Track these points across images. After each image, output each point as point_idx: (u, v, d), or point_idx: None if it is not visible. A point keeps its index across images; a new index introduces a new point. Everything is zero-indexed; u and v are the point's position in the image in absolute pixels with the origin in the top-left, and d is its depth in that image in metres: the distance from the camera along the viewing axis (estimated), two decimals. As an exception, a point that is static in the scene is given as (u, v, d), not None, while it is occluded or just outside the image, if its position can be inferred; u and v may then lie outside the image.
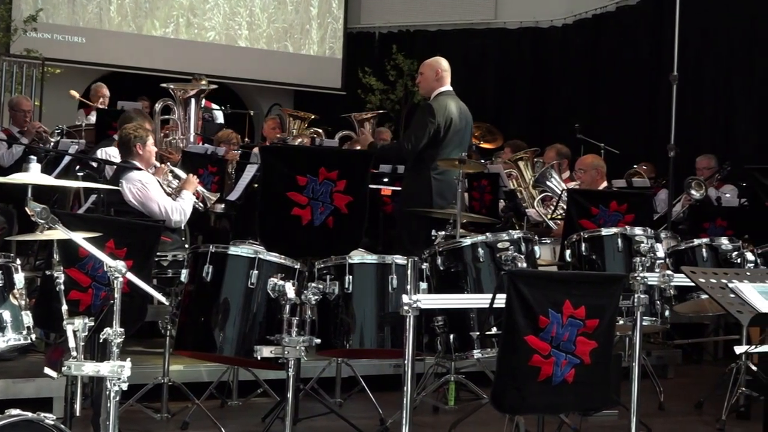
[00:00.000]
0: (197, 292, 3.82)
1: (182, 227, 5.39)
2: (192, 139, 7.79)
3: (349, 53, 12.77)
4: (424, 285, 3.62)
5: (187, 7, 11.97)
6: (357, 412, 4.66)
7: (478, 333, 3.79)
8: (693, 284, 3.21)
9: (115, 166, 5.46)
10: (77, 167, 5.85)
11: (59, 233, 2.99)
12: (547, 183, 7.08)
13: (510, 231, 4.13)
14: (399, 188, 6.38)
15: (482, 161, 7.52)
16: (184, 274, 3.86)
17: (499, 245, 3.89)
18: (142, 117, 6.21)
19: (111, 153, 5.93)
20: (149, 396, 4.39)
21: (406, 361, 3.21)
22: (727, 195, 7.67)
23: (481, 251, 3.88)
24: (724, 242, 4.87)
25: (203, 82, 8.71)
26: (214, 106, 8.94)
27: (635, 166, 8.65)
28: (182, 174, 5.70)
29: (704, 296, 4.43)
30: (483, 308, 3.47)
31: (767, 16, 9.02)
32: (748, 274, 3.15)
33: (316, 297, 3.64)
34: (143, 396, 4.34)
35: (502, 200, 7.26)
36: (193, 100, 7.80)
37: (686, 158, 8.21)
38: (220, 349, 3.76)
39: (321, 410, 4.40)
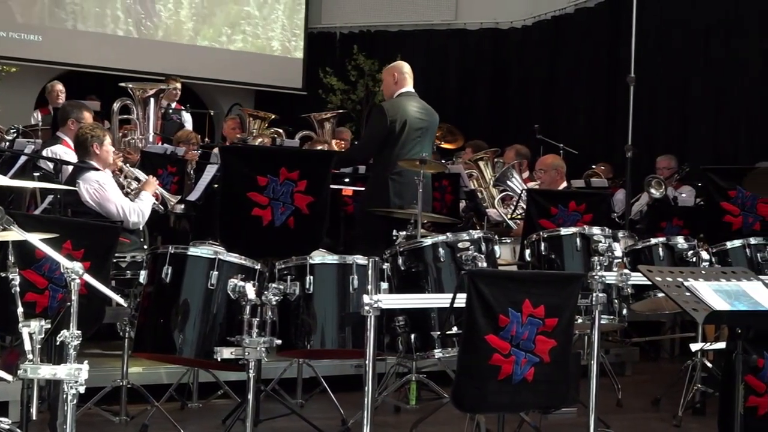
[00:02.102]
0: (156, 294, 3.78)
1: (141, 228, 5.34)
2: (151, 139, 7.73)
3: (310, 53, 12.73)
4: (385, 285, 3.62)
5: (146, 6, 11.83)
6: (318, 413, 4.66)
7: (439, 332, 3.80)
8: (650, 283, 3.26)
9: (71, 167, 5.39)
10: (33, 167, 5.76)
11: (14, 234, 2.94)
12: (507, 183, 7.14)
13: (470, 231, 4.15)
14: (361, 188, 6.39)
15: (443, 161, 7.56)
16: (142, 276, 3.82)
17: (460, 245, 3.91)
18: (78, 109, 6.14)
19: (56, 152, 5.85)
20: (107, 399, 4.34)
21: (367, 361, 3.22)
22: (684, 195, 7.80)
23: (441, 251, 3.90)
24: (680, 241, 4.94)
25: (177, 85, 8.65)
26: (184, 110, 8.86)
27: (593, 166, 8.76)
28: (142, 175, 5.65)
29: (661, 295, 4.48)
30: (444, 308, 3.48)
31: (723, 18, 9.17)
32: (703, 272, 3.20)
33: (277, 298, 3.63)
34: (101, 399, 4.29)
35: (463, 200, 7.30)
36: (152, 100, 7.74)
37: (643, 159, 8.33)
38: (180, 350, 3.72)
39: (282, 411, 4.38)
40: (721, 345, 4.14)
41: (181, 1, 12.01)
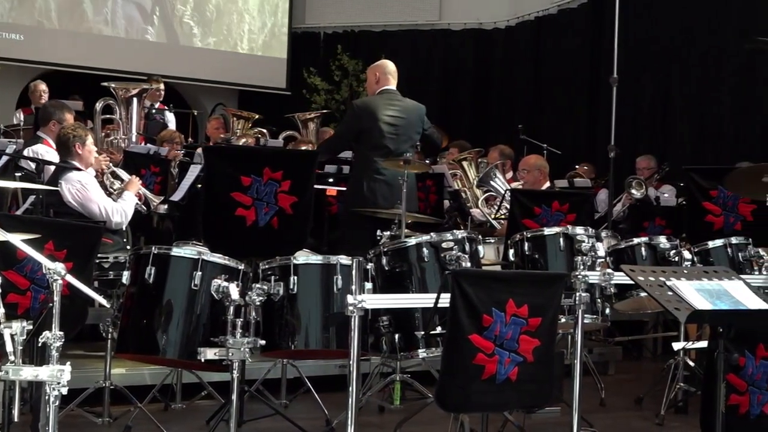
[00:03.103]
0: (139, 294, 3.77)
1: (124, 228, 5.31)
2: (134, 139, 7.69)
3: (293, 53, 12.71)
4: (369, 285, 3.62)
5: (130, 5, 11.78)
6: (303, 413, 4.66)
7: (422, 332, 3.80)
8: (632, 282, 3.27)
9: (53, 167, 5.36)
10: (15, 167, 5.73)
11: (-4, 235, 2.92)
12: (491, 183, 7.15)
13: (454, 231, 4.16)
14: (344, 188, 6.39)
15: (427, 161, 7.57)
16: (125, 276, 3.80)
17: (444, 245, 3.91)
18: (60, 110, 6.12)
19: (38, 151, 5.82)
20: (90, 400, 4.32)
21: (351, 362, 3.22)
22: (666, 195, 7.85)
23: (425, 251, 3.90)
24: (663, 241, 4.96)
25: (161, 85, 8.62)
26: (167, 110, 8.82)
27: (576, 166, 8.80)
28: (125, 175, 5.63)
29: (643, 294, 4.50)
30: (428, 308, 3.49)
31: (705, 19, 9.23)
32: (685, 272, 3.23)
33: (261, 298, 3.62)
34: (84, 400, 4.27)
35: (446, 200, 7.31)
36: (135, 100, 7.70)
37: (626, 159, 8.38)
38: (163, 351, 3.71)
39: (266, 412, 4.38)
40: (703, 344, 4.16)
41: (165, 1, 11.95)
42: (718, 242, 5.08)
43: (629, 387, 5.83)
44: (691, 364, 5.21)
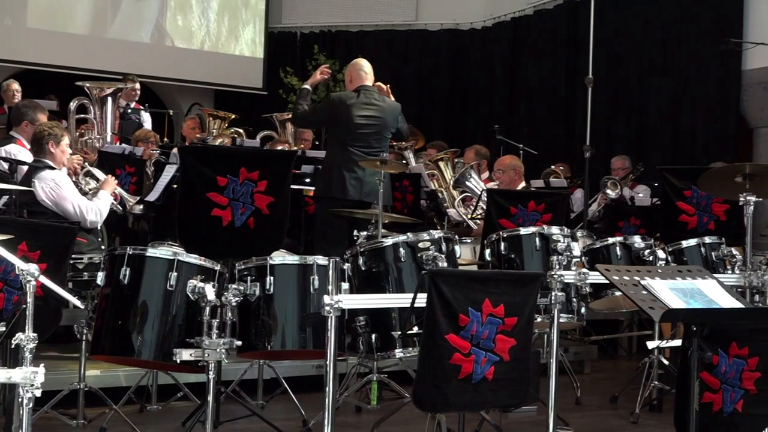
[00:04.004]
0: (114, 295, 3.74)
1: (99, 228, 5.27)
2: (109, 139, 7.63)
3: (270, 53, 12.67)
4: (345, 285, 3.62)
5: (105, 4, 11.68)
6: (279, 414, 4.64)
7: (399, 332, 3.81)
8: (608, 282, 3.30)
9: (26, 166, 5.31)
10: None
11: (-32, 236, 2.89)
12: (467, 183, 7.18)
13: (431, 231, 4.17)
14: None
15: (404, 162, 7.58)
16: (100, 277, 3.77)
17: (420, 245, 3.92)
18: (34, 110, 6.06)
19: (10, 151, 5.76)
20: (65, 402, 4.28)
21: (328, 362, 3.21)
22: (641, 195, 7.92)
23: (402, 251, 3.91)
24: (637, 240, 5.00)
25: (136, 84, 8.55)
26: (143, 110, 8.76)
27: (552, 166, 8.85)
28: (100, 174, 5.59)
29: (618, 293, 4.55)
30: (404, 308, 3.49)
31: (680, 19, 9.31)
32: (659, 271, 3.26)
33: (237, 298, 3.61)
34: (58, 402, 4.23)
35: (423, 200, 7.32)
36: (109, 99, 7.64)
37: (601, 159, 8.44)
38: (138, 352, 3.68)
39: (243, 413, 4.36)
40: (677, 342, 4.21)
41: (142, 0, 11.87)
42: (692, 242, 5.13)
43: (605, 385, 5.87)
44: (666, 362, 5.25)
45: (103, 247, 5.19)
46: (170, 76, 12.01)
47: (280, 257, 3.96)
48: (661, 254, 4.87)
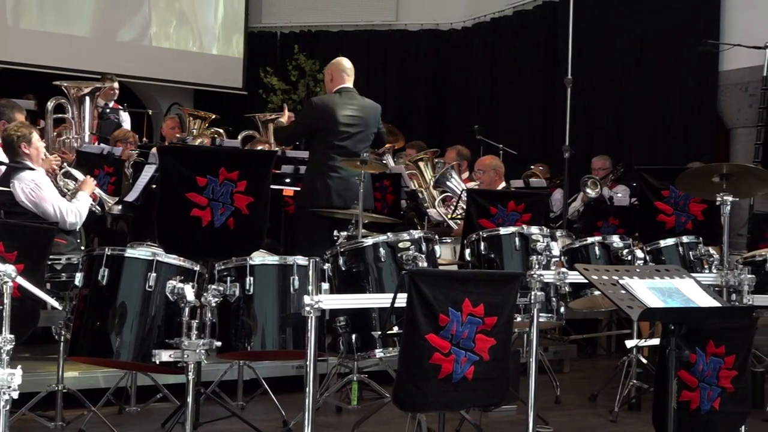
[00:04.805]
0: (93, 296, 3.71)
1: (77, 229, 5.24)
2: (87, 139, 7.58)
3: (250, 53, 12.63)
4: (325, 285, 3.61)
5: (84, 3, 11.59)
6: (260, 415, 4.63)
7: (380, 332, 3.81)
8: (587, 281, 3.32)
9: (4, 167, 5.27)
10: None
11: (-56, 237, 2.87)
12: (447, 183, 7.20)
13: (411, 231, 4.17)
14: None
15: (384, 161, 7.58)
16: (78, 278, 3.74)
17: (401, 245, 3.92)
18: (11, 110, 6.02)
19: None
20: (43, 404, 4.25)
21: (308, 362, 3.21)
22: (619, 195, 7.97)
23: (382, 251, 3.91)
24: (616, 240, 5.03)
25: (114, 84, 8.50)
26: (121, 109, 8.70)
27: (532, 166, 8.89)
28: (79, 175, 5.55)
29: (597, 293, 4.58)
30: (385, 308, 3.49)
31: (658, 21, 9.38)
32: (637, 270, 3.28)
33: (217, 299, 3.59)
34: (36, 404, 4.20)
35: (404, 200, 7.33)
36: (87, 98, 7.59)
37: (581, 159, 8.49)
38: (117, 354, 3.66)
39: (222, 414, 4.34)
40: (655, 341, 4.23)
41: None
42: (670, 241, 5.17)
43: (584, 384, 5.90)
44: (644, 361, 5.29)
45: (81, 248, 5.15)
46: (150, 76, 11.94)
47: (259, 257, 3.95)
48: (639, 254, 4.91)
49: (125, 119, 8.63)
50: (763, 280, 4.75)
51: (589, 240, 5.08)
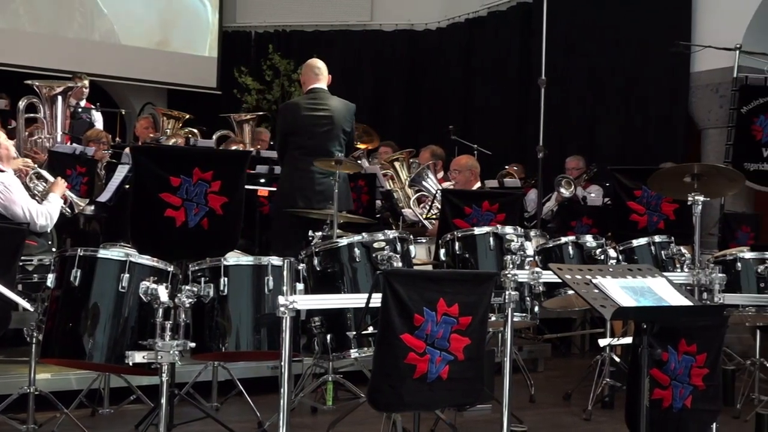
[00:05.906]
0: (65, 298, 3.67)
1: (48, 231, 5.19)
2: (59, 139, 7.51)
3: (224, 52, 12.58)
4: (300, 286, 3.60)
5: (56, 2, 11.48)
6: (234, 416, 4.62)
7: (354, 333, 3.81)
8: (561, 281, 3.33)
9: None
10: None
11: None
12: (423, 183, 7.21)
13: (386, 231, 4.17)
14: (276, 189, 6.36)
15: (359, 161, 7.58)
16: (50, 279, 3.70)
17: (375, 245, 3.92)
18: None
19: None
20: (14, 407, 4.21)
21: (283, 363, 3.20)
22: (593, 195, 8.03)
23: (357, 251, 3.91)
24: (589, 240, 5.07)
25: (85, 82, 8.43)
26: (94, 109, 8.63)
27: (506, 166, 8.93)
28: (49, 176, 5.50)
29: (571, 292, 4.60)
30: (359, 308, 3.49)
31: (632, 22, 9.45)
32: (610, 270, 3.30)
33: (191, 300, 3.57)
34: (7, 407, 4.17)
35: (379, 200, 7.33)
36: (59, 98, 7.52)
37: (555, 159, 8.54)
38: (90, 355, 3.62)
39: (197, 415, 4.33)
40: (628, 340, 4.28)
41: (91, -3, 11.70)
42: (642, 241, 5.21)
43: (558, 383, 5.94)
44: (617, 359, 5.34)
45: (53, 249, 5.11)
46: (123, 75, 11.85)
47: (234, 258, 3.93)
48: (612, 253, 4.94)
49: (98, 119, 8.57)
50: (734, 279, 4.82)
51: (563, 240, 5.11)
